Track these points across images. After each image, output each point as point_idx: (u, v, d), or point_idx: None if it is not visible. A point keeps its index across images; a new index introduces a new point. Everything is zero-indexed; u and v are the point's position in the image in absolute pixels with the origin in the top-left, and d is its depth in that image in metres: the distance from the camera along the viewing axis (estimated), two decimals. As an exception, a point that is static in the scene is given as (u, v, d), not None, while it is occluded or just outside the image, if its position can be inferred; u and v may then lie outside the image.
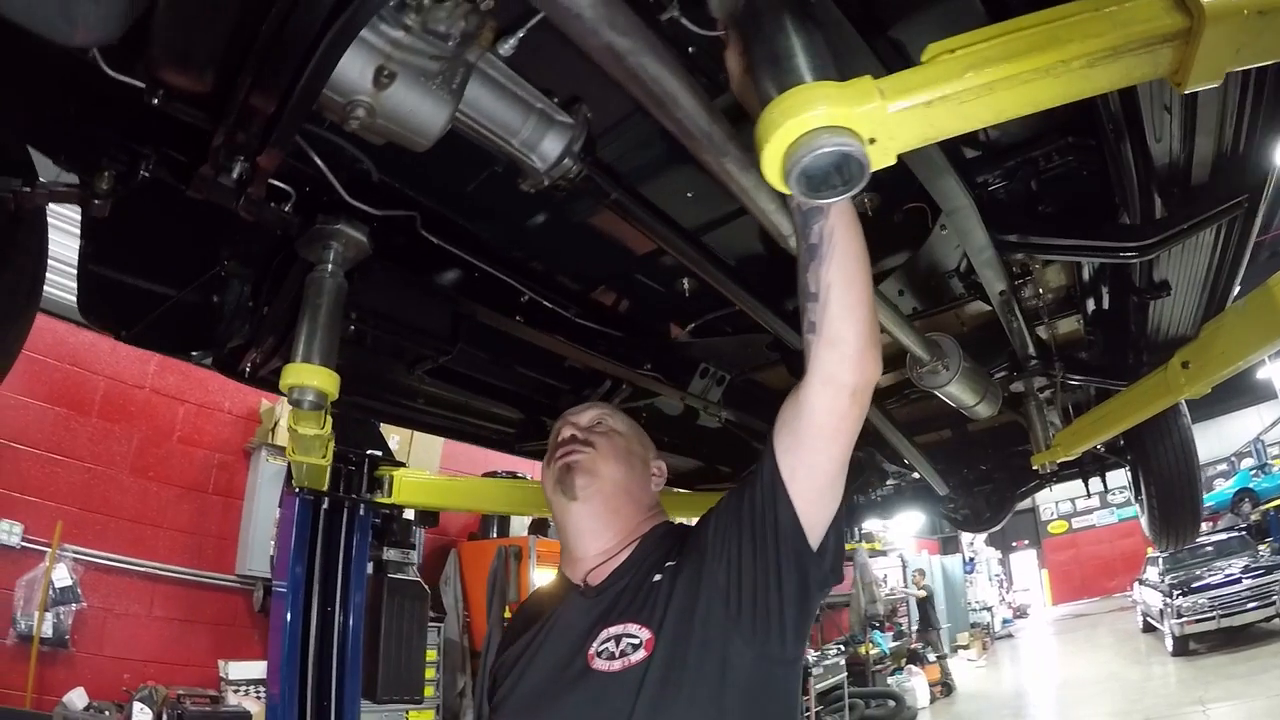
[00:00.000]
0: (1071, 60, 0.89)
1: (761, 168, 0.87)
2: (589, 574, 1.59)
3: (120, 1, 1.14)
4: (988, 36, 0.90)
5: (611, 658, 1.40)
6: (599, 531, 1.62)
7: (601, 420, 1.76)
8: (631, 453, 1.71)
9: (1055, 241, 2.30)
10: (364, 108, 1.30)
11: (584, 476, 1.62)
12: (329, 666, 4.39)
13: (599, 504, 1.62)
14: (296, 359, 1.77)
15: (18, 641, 5.77)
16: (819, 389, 1.31)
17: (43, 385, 6.15)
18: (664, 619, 1.40)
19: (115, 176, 1.61)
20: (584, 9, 0.89)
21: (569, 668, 1.44)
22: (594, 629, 1.46)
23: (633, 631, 1.41)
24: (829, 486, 1.39)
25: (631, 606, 1.46)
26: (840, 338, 1.28)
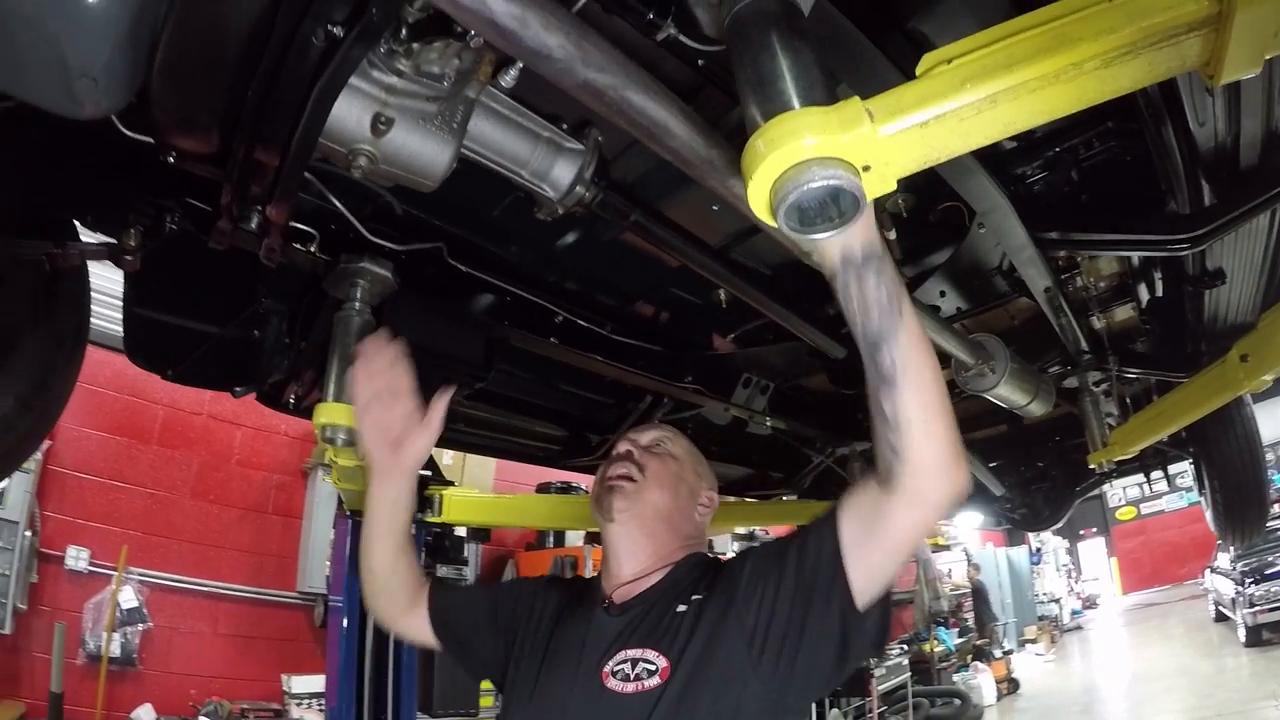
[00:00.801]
0: (1084, 62, 0.80)
1: (749, 202, 0.81)
2: (616, 591, 1.59)
3: (119, 77, 1.17)
4: (988, 41, 0.82)
5: (625, 679, 1.41)
6: (633, 553, 1.62)
7: (661, 442, 1.75)
8: (681, 480, 1.69)
9: (1099, 237, 2.21)
10: (365, 155, 1.31)
11: (623, 500, 1.61)
12: (385, 681, 4.46)
13: (635, 528, 1.62)
14: (328, 398, 1.79)
15: (87, 661, 5.96)
16: (903, 509, 1.25)
17: (104, 416, 6.34)
18: (684, 651, 1.39)
19: (142, 232, 1.65)
20: (553, 50, 0.86)
21: (582, 681, 1.45)
22: (611, 647, 1.47)
23: (650, 658, 1.42)
24: (885, 574, 1.35)
25: (654, 633, 1.46)
26: (924, 465, 1.20)
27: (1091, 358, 3.09)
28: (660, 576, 1.58)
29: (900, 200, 2.23)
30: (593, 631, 1.53)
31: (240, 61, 1.22)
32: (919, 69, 0.82)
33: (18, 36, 1.11)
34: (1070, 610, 20.54)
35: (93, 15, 1.09)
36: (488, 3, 0.82)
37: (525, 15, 0.85)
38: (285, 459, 7.37)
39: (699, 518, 1.73)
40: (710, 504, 1.77)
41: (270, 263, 1.67)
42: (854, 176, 0.76)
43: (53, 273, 1.83)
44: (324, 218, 1.79)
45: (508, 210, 2.00)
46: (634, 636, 1.47)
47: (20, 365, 1.90)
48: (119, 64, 1.16)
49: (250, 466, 7.16)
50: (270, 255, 1.65)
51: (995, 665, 13.55)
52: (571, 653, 1.52)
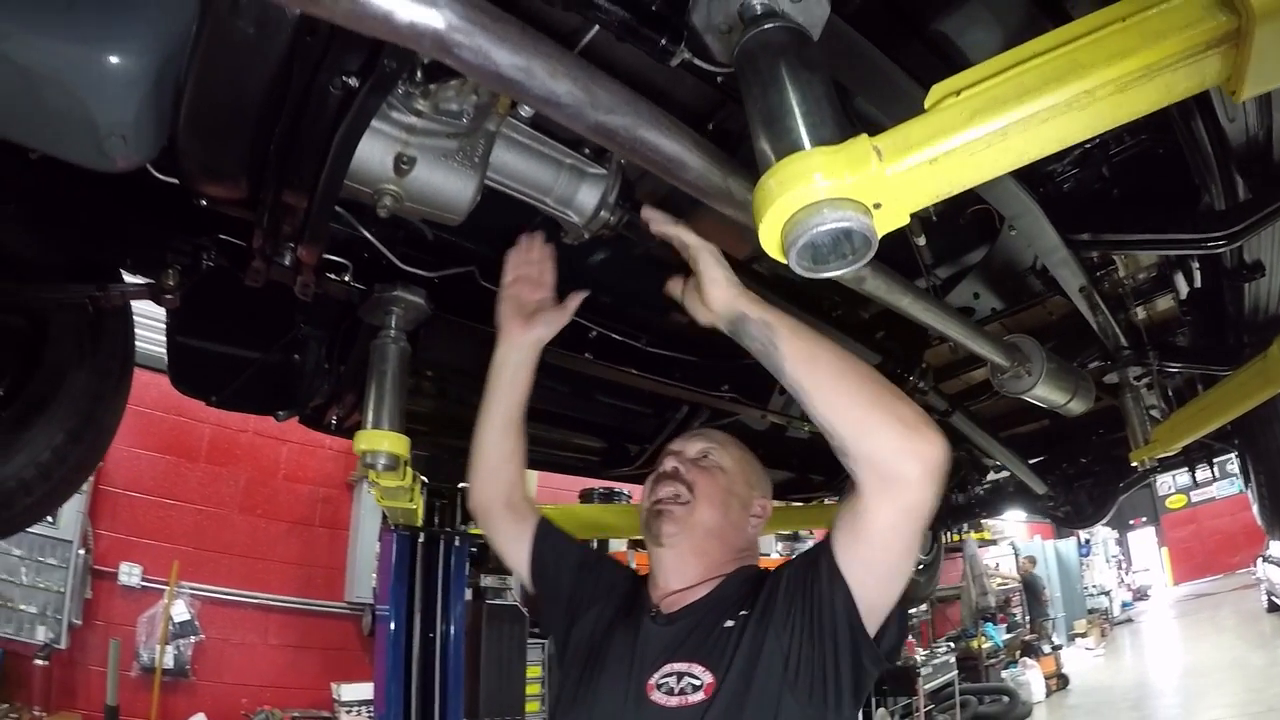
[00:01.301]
0: (1097, 89, 0.77)
1: (761, 242, 0.81)
2: (664, 600, 1.58)
3: (147, 131, 1.22)
4: (997, 70, 0.80)
5: (670, 693, 1.40)
6: (682, 570, 1.60)
7: (709, 454, 1.70)
8: (731, 494, 1.65)
9: (1132, 237, 2.17)
10: (390, 195, 1.33)
11: (673, 525, 1.60)
12: (432, 688, 4.54)
13: (685, 549, 1.60)
14: (367, 425, 1.81)
15: (141, 673, 6.17)
16: (873, 499, 1.28)
17: (153, 437, 6.51)
18: (729, 667, 1.38)
19: (180, 271, 1.70)
20: (561, 96, 0.88)
21: (628, 694, 1.44)
22: (657, 660, 1.46)
23: (696, 673, 1.40)
24: (889, 577, 1.36)
25: (701, 647, 1.44)
26: (869, 457, 1.26)
27: (1131, 353, 3.03)
28: (709, 589, 1.56)
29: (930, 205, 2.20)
30: (641, 641, 1.52)
31: (261, 112, 1.26)
32: (928, 101, 0.81)
33: (48, 99, 1.16)
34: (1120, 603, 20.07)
35: (116, 76, 1.15)
36: (492, 57, 0.84)
37: (530, 66, 0.87)
38: (331, 472, 7.51)
39: (751, 529, 1.70)
40: (763, 513, 1.73)
41: (305, 297, 1.71)
42: (864, 216, 0.76)
43: (96, 312, 1.90)
44: (356, 247, 1.81)
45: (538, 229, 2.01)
46: (680, 649, 1.46)
47: (69, 400, 1.96)
48: (146, 120, 1.21)
49: (297, 481, 7.32)
50: (304, 290, 1.69)
51: (1044, 661, 13.29)
52: (620, 663, 1.51)
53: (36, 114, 1.21)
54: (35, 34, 1.13)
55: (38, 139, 1.30)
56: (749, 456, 1.78)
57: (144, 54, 1.17)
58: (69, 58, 1.15)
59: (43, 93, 1.18)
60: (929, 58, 1.60)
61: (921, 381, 2.71)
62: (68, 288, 1.83)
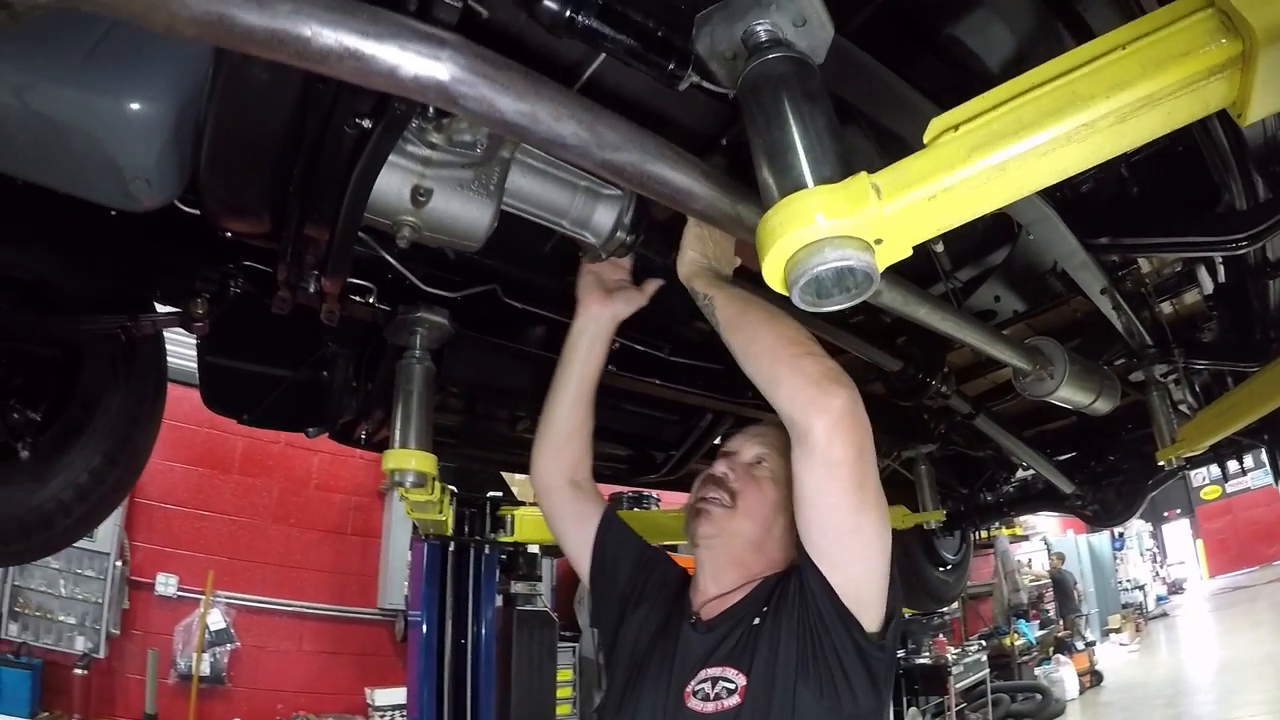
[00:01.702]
0: (1097, 121, 0.76)
1: (764, 276, 0.83)
2: (704, 607, 1.57)
3: (170, 172, 1.27)
4: (995, 103, 0.80)
5: (706, 699, 1.40)
6: (719, 576, 1.60)
7: (763, 460, 1.65)
8: (779, 510, 1.59)
9: (1153, 240, 2.15)
10: (409, 226, 1.36)
11: (710, 526, 1.59)
12: (464, 693, 4.60)
13: (721, 555, 1.60)
14: (394, 445, 1.84)
15: (178, 681, 6.32)
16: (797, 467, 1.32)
17: (186, 450, 6.63)
18: (753, 664, 1.40)
19: (209, 299, 1.74)
20: (567, 138, 0.90)
21: (667, 701, 1.45)
22: (695, 665, 1.46)
23: (730, 676, 1.41)
24: (847, 547, 1.34)
25: (735, 650, 1.44)
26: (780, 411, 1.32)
27: (1156, 350, 2.99)
28: (746, 593, 1.55)
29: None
30: (680, 649, 1.52)
31: (279, 152, 1.29)
32: (926, 135, 0.81)
33: (73, 146, 1.21)
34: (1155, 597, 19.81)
35: (137, 122, 1.19)
36: (496, 105, 0.86)
37: (535, 111, 0.89)
38: (362, 481, 7.62)
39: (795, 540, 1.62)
40: None
41: (330, 323, 1.75)
42: (865, 253, 0.77)
43: (129, 340, 1.95)
44: (380, 269, 1.84)
45: (558, 245, 2.03)
46: (715, 654, 1.46)
47: (105, 424, 2.03)
48: (168, 162, 1.26)
49: (329, 490, 7.44)
50: (330, 317, 1.73)
51: (1077, 658, 13.14)
52: (661, 670, 1.51)
53: (62, 160, 1.26)
54: (57, 85, 1.18)
55: (65, 183, 1.35)
56: None
57: (163, 100, 1.21)
58: (91, 107, 1.19)
59: (67, 140, 1.22)
60: (941, 68, 1.60)
61: (944, 386, 2.70)
62: (101, 319, 1.88)
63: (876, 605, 1.36)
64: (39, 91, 1.17)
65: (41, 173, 1.34)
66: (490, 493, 4.56)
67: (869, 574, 1.34)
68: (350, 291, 1.83)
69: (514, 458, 3.04)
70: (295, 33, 0.77)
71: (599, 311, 1.76)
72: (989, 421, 3.17)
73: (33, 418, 1.93)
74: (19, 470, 1.94)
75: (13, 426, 1.90)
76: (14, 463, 1.92)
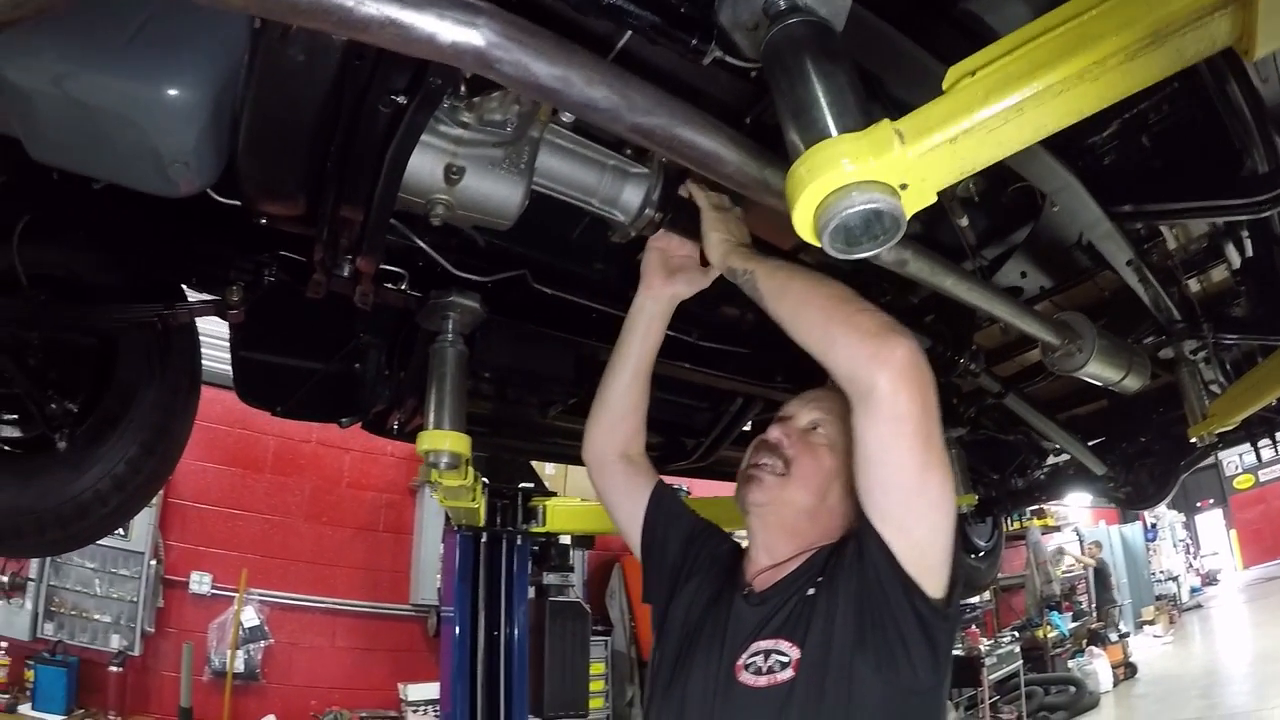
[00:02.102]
0: (1107, 59, 0.79)
1: (795, 227, 0.85)
2: (757, 578, 1.53)
3: (208, 156, 1.31)
4: (1010, 48, 0.83)
5: (758, 672, 1.35)
6: (771, 546, 1.55)
7: (820, 426, 1.58)
8: (836, 476, 1.52)
9: (1176, 206, 2.15)
10: (442, 204, 1.40)
11: (761, 493, 1.53)
12: (497, 686, 4.63)
13: (773, 523, 1.55)
14: (428, 426, 1.87)
15: (213, 677, 6.42)
16: (859, 424, 1.27)
17: (218, 450, 6.74)
18: (807, 636, 1.34)
19: (244, 287, 1.78)
20: (599, 101, 0.93)
21: (718, 675, 1.41)
22: (746, 638, 1.42)
23: (783, 649, 1.36)
24: (911, 507, 1.28)
25: (787, 623, 1.39)
26: (837, 371, 1.29)
27: (1185, 326, 2.97)
28: (800, 563, 1.50)
29: (970, 185, 2.21)
30: (733, 621, 1.48)
31: (315, 133, 1.33)
32: (945, 83, 0.84)
33: (113, 133, 1.25)
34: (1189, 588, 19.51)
35: (176, 107, 1.23)
36: (531, 69, 0.89)
37: (568, 75, 0.92)
38: (393, 478, 7.68)
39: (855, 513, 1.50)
40: None
41: (364, 306, 1.79)
42: (891, 197, 0.79)
43: (165, 330, 2.00)
44: (411, 256, 1.87)
45: (586, 231, 2.06)
46: (768, 626, 1.41)
47: (141, 414, 2.06)
48: (206, 146, 1.30)
49: (360, 488, 7.50)
50: (364, 300, 1.77)
51: (1111, 649, 12.96)
52: (712, 643, 1.47)
53: (102, 147, 1.30)
54: (97, 73, 1.21)
55: (105, 170, 1.40)
56: None
57: (200, 85, 1.25)
58: (129, 94, 1.23)
59: (107, 127, 1.26)
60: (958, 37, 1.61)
61: (973, 363, 2.70)
62: (137, 308, 1.93)
63: (940, 570, 1.29)
64: (79, 80, 1.21)
65: (81, 161, 1.38)
66: (521, 483, 4.59)
67: (934, 536, 1.28)
68: (382, 278, 1.88)
69: (546, 446, 3.07)
70: (338, 1, 0.81)
71: (660, 290, 1.76)
72: (1019, 401, 3.16)
73: (70, 408, 1.98)
74: (56, 461, 1.98)
75: (50, 418, 1.96)
76: (51, 453, 1.97)
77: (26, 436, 2.07)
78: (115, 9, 1.23)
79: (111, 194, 1.59)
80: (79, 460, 2.00)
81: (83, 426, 2.01)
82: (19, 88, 1.21)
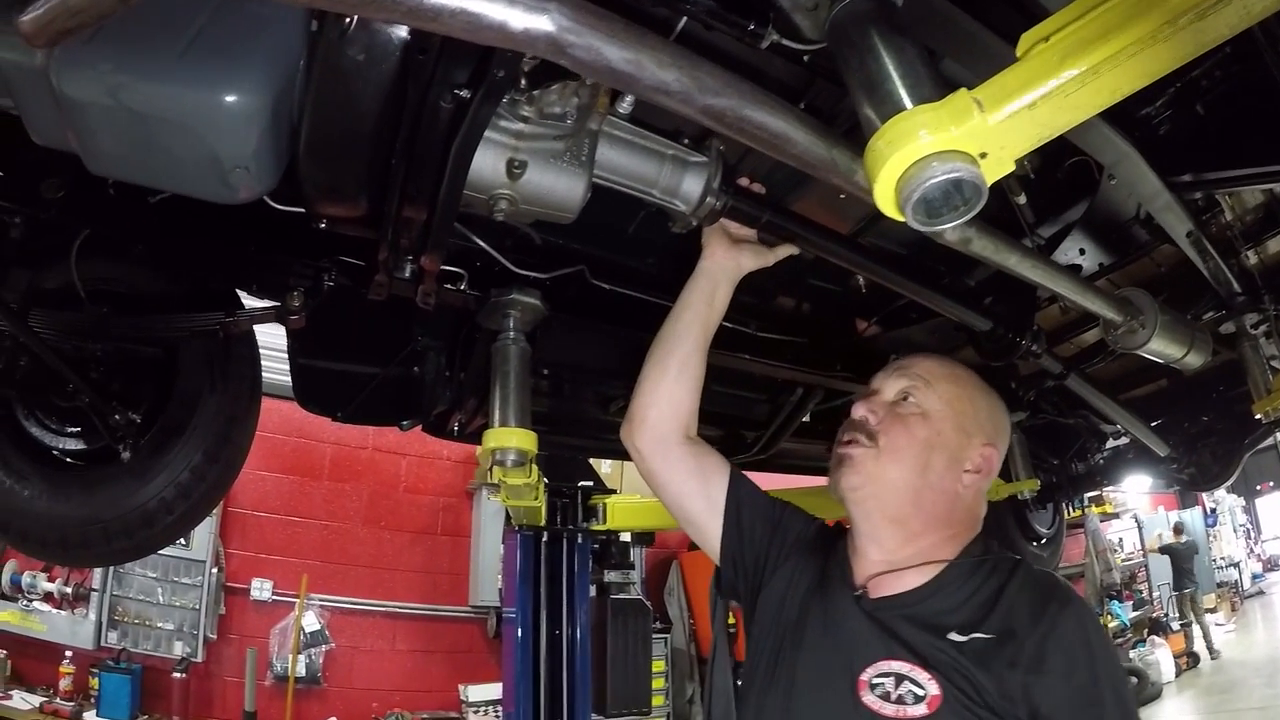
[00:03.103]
0: (1178, 18, 0.77)
1: (876, 202, 0.86)
2: (870, 581, 1.39)
3: (268, 161, 1.32)
4: (1081, 12, 0.82)
5: (886, 698, 1.23)
6: (878, 538, 1.42)
7: (910, 394, 1.45)
8: (935, 447, 1.40)
9: (1235, 173, 2.10)
10: (505, 199, 1.41)
11: (852, 474, 1.41)
12: (560, 685, 4.67)
13: (874, 510, 1.42)
14: (494, 424, 1.88)
15: (275, 682, 6.58)
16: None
17: (277, 459, 6.89)
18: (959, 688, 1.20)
19: (304, 292, 1.80)
20: (670, 84, 0.93)
21: (835, 688, 1.29)
22: (869, 651, 1.30)
23: (919, 679, 1.22)
24: None
25: (924, 652, 1.26)
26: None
27: (1246, 299, 2.90)
28: (926, 579, 1.35)
29: (1026, 163, 2.19)
30: (846, 624, 1.36)
31: (377, 132, 1.34)
32: (1019, 50, 0.83)
33: (173, 142, 1.26)
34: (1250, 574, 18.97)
35: (235, 113, 1.24)
36: (603, 53, 0.89)
37: (639, 58, 0.92)
38: (450, 482, 7.80)
39: (965, 488, 1.42)
40: (984, 467, 1.43)
41: (427, 306, 1.80)
42: (972, 165, 0.79)
43: (225, 338, 2.03)
44: (470, 256, 1.89)
45: (641, 225, 2.06)
46: (895, 644, 1.28)
47: (205, 422, 2.10)
48: (266, 151, 1.31)
49: (417, 492, 7.62)
50: (426, 300, 1.78)
51: (1173, 639, 12.65)
52: (821, 645, 1.36)
53: (162, 157, 1.31)
54: (154, 82, 1.22)
55: (165, 180, 1.41)
56: (969, 391, 1.49)
57: (259, 89, 1.25)
58: (189, 101, 1.23)
59: (167, 137, 1.27)
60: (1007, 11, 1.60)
61: (1034, 344, 2.67)
62: (198, 317, 1.96)
63: None
64: (137, 90, 1.21)
65: (141, 172, 1.39)
66: (581, 481, 4.63)
67: None
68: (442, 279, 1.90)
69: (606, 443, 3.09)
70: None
71: (723, 258, 1.67)
72: (1081, 381, 3.11)
73: (133, 419, 2.00)
74: (121, 471, 2.03)
75: (114, 429, 1.99)
76: (116, 464, 2.02)
77: (90, 448, 2.10)
78: (169, 16, 1.23)
79: (169, 205, 1.63)
80: (144, 470, 2.04)
81: (146, 436, 2.05)
82: (76, 101, 1.21)
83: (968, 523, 1.44)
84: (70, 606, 6.12)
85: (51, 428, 2.10)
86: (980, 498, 1.47)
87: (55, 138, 1.31)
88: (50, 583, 6.06)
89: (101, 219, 1.71)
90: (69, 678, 5.98)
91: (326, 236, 1.65)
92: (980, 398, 1.50)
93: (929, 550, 1.38)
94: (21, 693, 5.82)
